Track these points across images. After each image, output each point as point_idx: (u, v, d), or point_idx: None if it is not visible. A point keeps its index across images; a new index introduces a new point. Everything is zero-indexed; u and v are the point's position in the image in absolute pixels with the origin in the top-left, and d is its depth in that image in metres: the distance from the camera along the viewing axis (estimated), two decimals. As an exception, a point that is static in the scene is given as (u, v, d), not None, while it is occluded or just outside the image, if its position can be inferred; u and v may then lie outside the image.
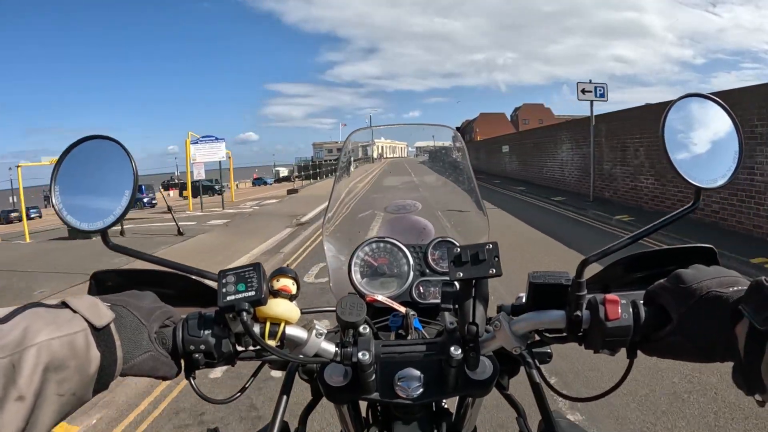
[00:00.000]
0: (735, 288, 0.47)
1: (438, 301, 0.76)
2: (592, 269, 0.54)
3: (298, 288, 0.55)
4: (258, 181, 20.61)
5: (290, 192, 19.40)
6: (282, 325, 0.52)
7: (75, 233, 8.26)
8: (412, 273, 0.80)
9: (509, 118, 68.27)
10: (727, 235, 6.38)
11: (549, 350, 0.66)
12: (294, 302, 0.54)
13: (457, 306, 0.54)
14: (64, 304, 0.45)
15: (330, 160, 47.88)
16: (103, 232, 0.51)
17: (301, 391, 0.68)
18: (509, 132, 39.11)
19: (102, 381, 0.45)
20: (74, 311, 0.44)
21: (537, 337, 0.57)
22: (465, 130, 67.55)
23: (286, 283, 0.54)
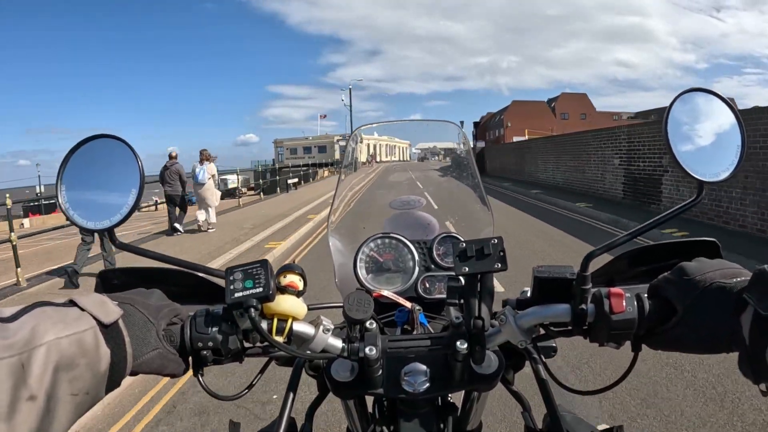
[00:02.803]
0: (738, 279, 0.47)
1: (443, 296, 0.76)
2: (596, 263, 0.54)
3: (305, 284, 0.55)
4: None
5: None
6: (289, 321, 0.53)
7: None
8: (417, 268, 0.80)
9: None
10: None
11: (554, 344, 0.67)
12: (301, 298, 0.55)
13: (462, 301, 0.54)
14: (71, 302, 0.45)
15: (297, 165, 36.16)
16: (110, 231, 0.51)
17: (307, 387, 0.68)
18: (552, 128, 28.35)
19: (114, 378, 0.45)
20: (82, 309, 0.44)
21: (542, 331, 0.57)
22: (488, 125, 52.10)
23: (293, 279, 0.54)
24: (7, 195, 5.43)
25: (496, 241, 0.52)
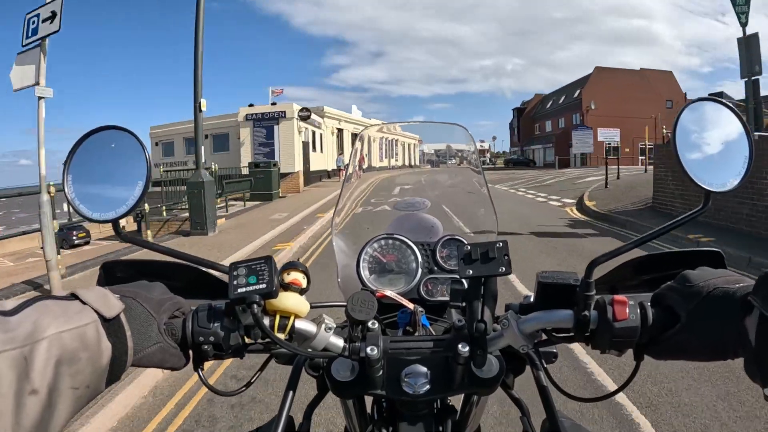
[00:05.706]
0: (741, 284, 0.47)
1: (445, 298, 0.76)
2: (600, 271, 0.54)
3: (309, 282, 0.55)
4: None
5: None
6: (291, 318, 0.53)
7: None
8: (420, 270, 0.80)
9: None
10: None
11: (555, 350, 0.67)
12: (304, 296, 0.54)
13: (465, 303, 0.54)
14: (73, 296, 0.45)
15: (179, 170, 11.84)
16: (115, 222, 0.51)
17: (308, 386, 0.68)
18: (655, 116, 17.41)
19: (114, 372, 0.45)
20: (84, 303, 0.45)
21: (544, 337, 0.57)
22: (539, 112, 37.28)
23: (297, 277, 0.54)
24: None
25: (501, 244, 0.52)
